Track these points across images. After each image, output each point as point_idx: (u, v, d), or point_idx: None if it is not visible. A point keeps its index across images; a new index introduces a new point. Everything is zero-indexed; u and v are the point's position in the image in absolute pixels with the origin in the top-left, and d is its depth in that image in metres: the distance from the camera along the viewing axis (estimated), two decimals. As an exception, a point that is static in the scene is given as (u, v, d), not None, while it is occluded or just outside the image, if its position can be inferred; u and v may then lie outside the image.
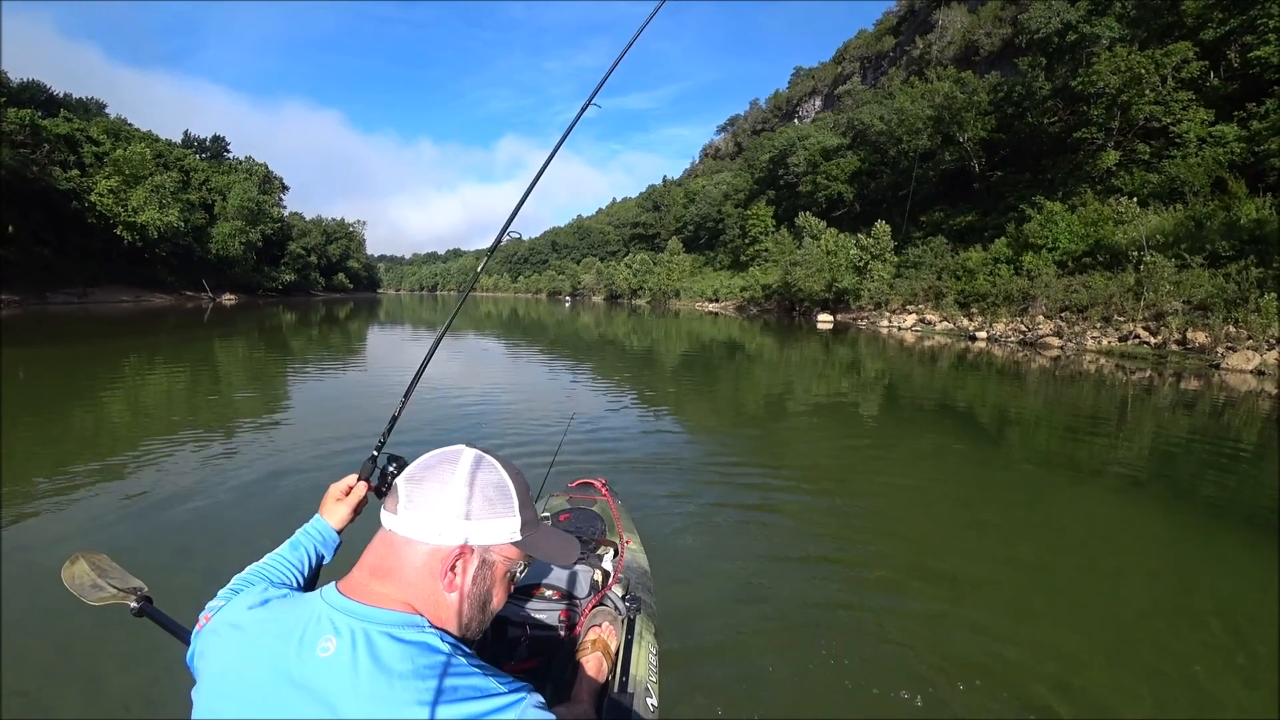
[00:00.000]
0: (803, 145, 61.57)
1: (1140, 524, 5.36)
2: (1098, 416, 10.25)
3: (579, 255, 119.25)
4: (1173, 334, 19.10)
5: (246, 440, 6.86)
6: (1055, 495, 6.03)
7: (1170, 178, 26.46)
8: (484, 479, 0.94)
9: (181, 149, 62.70)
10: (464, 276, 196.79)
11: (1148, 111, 29.37)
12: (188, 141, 67.99)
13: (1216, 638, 3.43)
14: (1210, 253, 20.80)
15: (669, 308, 59.71)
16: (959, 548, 4.57)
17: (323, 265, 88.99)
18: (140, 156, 46.34)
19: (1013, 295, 26.65)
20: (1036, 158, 37.30)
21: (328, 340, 21.94)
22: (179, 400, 9.45)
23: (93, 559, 1.45)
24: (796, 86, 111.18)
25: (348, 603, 0.88)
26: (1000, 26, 61.90)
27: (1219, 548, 4.83)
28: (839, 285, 37.54)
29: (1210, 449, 8.12)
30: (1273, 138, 23.29)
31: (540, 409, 9.19)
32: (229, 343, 19.70)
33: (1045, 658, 3.14)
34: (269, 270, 69.76)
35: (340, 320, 34.04)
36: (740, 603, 3.60)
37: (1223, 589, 4.06)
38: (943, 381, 14.26)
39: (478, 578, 0.93)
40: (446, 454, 0.96)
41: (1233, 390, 13.26)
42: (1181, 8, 30.96)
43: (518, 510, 0.96)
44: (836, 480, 6.10)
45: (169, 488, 5.14)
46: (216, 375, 12.46)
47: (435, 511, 0.90)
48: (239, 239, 59.28)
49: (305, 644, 0.83)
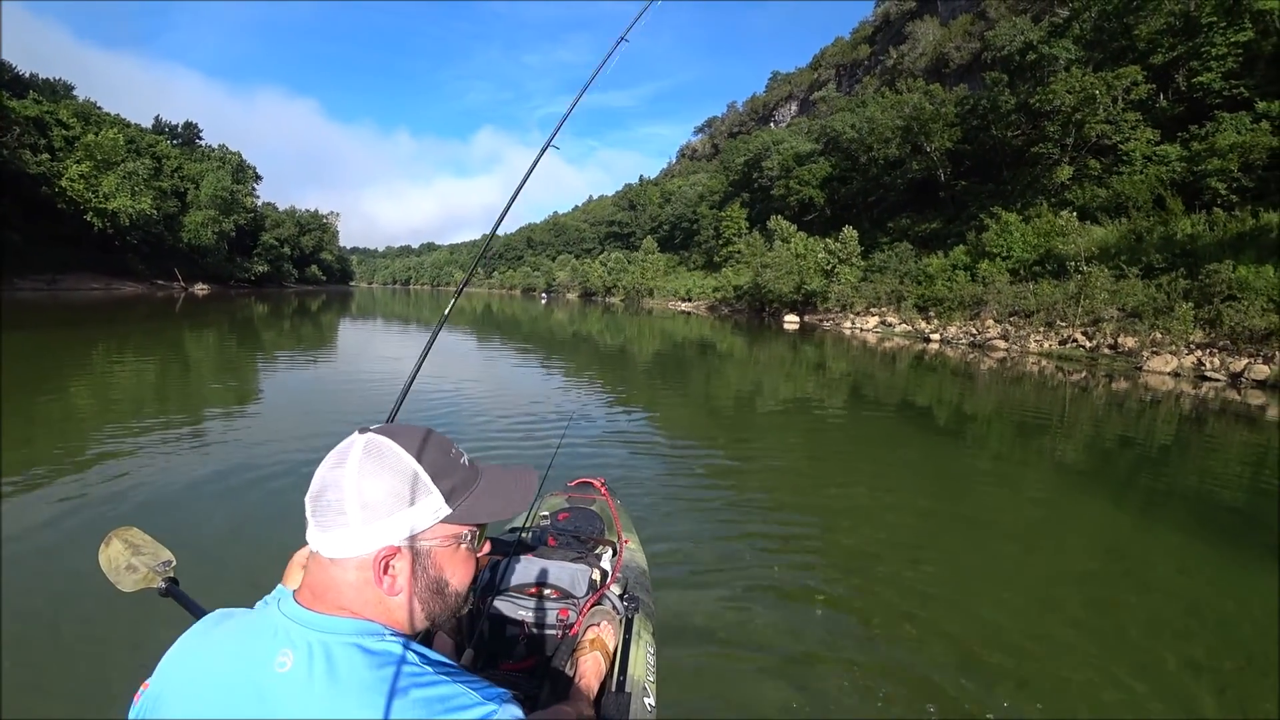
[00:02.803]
0: (777, 150, 62.79)
1: (1085, 513, 5.92)
2: (1042, 414, 11.27)
3: (554, 252, 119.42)
4: (1106, 339, 20.46)
5: (217, 434, 6.83)
6: (1011, 487, 6.65)
7: (1117, 193, 27.93)
8: (377, 468, 0.85)
9: (153, 135, 61.86)
10: (437, 271, 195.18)
11: (1099, 130, 30.86)
12: (159, 127, 67.02)
13: (1167, 620, 3.81)
14: (1146, 264, 22.19)
15: (642, 306, 60.41)
16: (954, 546, 4.81)
17: (296, 257, 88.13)
18: (112, 142, 45.84)
19: (966, 300, 27.97)
20: (999, 169, 38.71)
21: (300, 333, 22.30)
22: (147, 391, 9.40)
23: (125, 535, 1.45)
24: (773, 91, 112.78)
25: (305, 613, 0.84)
26: (970, 41, 63.78)
27: (1157, 534, 5.45)
28: (807, 287, 38.64)
29: (1140, 446, 9.12)
30: (1211, 159, 24.75)
31: (539, 410, 9.21)
32: (200, 335, 19.89)
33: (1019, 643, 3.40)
34: (242, 261, 69.22)
35: (313, 313, 34.19)
36: (739, 602, 3.65)
37: (1162, 574, 4.58)
38: (904, 381, 15.27)
39: (417, 571, 0.87)
40: (337, 453, 0.87)
41: (1155, 391, 14.45)
42: (1134, 33, 32.51)
43: (432, 484, 0.87)
44: (835, 481, 6.38)
45: (130, 481, 5.10)
46: (187, 366, 12.65)
47: (341, 524, 0.83)
48: (211, 228, 58.84)
49: (261, 658, 0.80)
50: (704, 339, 26.20)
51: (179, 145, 66.73)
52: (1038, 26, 41.46)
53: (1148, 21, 31.90)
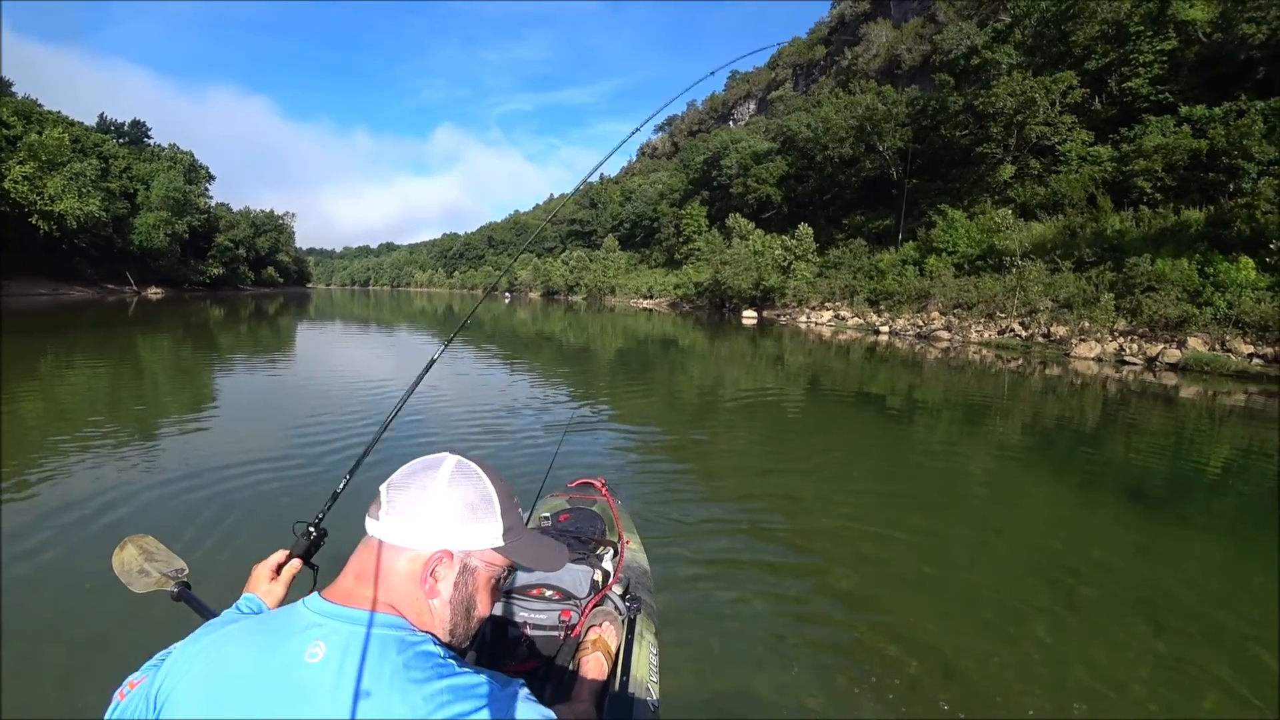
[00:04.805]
0: (735, 149, 63.82)
1: (1030, 488, 6.52)
2: (986, 400, 12.12)
3: (515, 251, 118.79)
4: (1040, 328, 21.81)
5: (171, 442, 6.71)
6: (961, 469, 7.17)
7: (1054, 191, 29.44)
8: (465, 485, 0.94)
9: (99, 134, 59.97)
10: (397, 271, 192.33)
11: (1039, 131, 32.37)
12: (104, 126, 64.66)
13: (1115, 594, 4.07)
14: (1078, 258, 23.59)
15: (605, 304, 60.82)
16: (958, 545, 4.87)
17: (251, 259, 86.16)
18: (58, 142, 44.47)
19: (914, 294, 29.24)
20: (948, 167, 40.14)
21: (258, 337, 22.23)
22: (99, 400, 9.16)
23: (139, 543, 1.47)
24: (732, 90, 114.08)
25: (335, 608, 0.87)
26: (920, 43, 65.61)
27: (1095, 505, 5.99)
28: (766, 284, 39.62)
29: (1074, 425, 10.04)
30: (1138, 159, 26.30)
31: (538, 409, 9.30)
32: (154, 340, 19.68)
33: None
34: (195, 263, 67.65)
35: (271, 316, 33.86)
36: (741, 602, 3.67)
37: (1102, 538, 5.04)
38: (859, 372, 16.05)
39: (459, 583, 0.93)
40: (430, 461, 0.96)
41: (1084, 375, 15.56)
42: (1071, 40, 34.09)
43: (500, 516, 0.95)
44: (831, 476, 6.56)
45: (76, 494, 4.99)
46: (139, 371, 12.63)
47: (415, 517, 0.91)
48: (164, 230, 57.36)
49: (291, 651, 0.82)
50: (668, 336, 26.81)
51: (126, 145, 64.72)
52: (983, 31, 43.09)
53: (1083, 29, 33.46)
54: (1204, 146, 24.04)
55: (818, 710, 2.76)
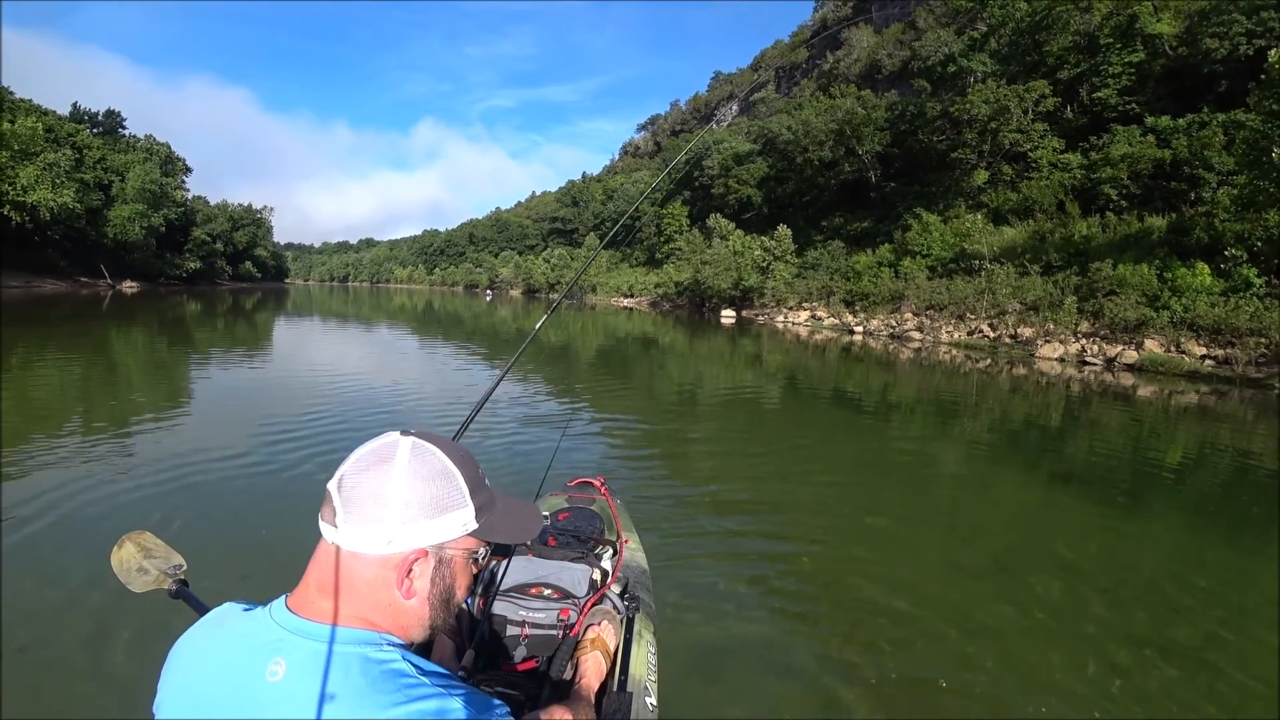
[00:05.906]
0: (717, 149, 64.33)
1: (1000, 483, 6.78)
2: (957, 399, 12.56)
3: (497, 248, 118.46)
4: (1008, 329, 22.49)
5: (146, 437, 6.63)
6: (935, 465, 7.44)
7: (1025, 197, 30.19)
8: (426, 471, 0.85)
9: (73, 123, 58.99)
10: (376, 267, 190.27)
11: (1012, 138, 33.11)
12: (77, 115, 63.66)
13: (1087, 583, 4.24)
14: (1046, 262, 24.32)
15: (586, 303, 61.01)
16: (956, 544, 4.96)
17: (229, 253, 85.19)
18: (31, 131, 43.75)
19: (888, 295, 29.87)
20: (925, 172, 40.85)
21: (235, 334, 22.20)
22: (72, 395, 9.07)
23: (138, 540, 1.46)
24: (715, 90, 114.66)
25: (298, 622, 0.82)
26: (900, 49, 66.56)
27: (1060, 497, 6.26)
28: (745, 283, 40.09)
29: (1039, 423, 10.55)
30: (1105, 167, 27.11)
31: (536, 411, 9.27)
32: (128, 334, 19.59)
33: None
34: (172, 257, 66.87)
35: (248, 311, 33.67)
36: (740, 602, 3.67)
37: (1067, 529, 5.26)
38: (836, 372, 16.46)
39: (436, 578, 0.88)
40: (380, 450, 0.86)
41: (1048, 375, 16.16)
42: (1044, 50, 34.94)
43: (469, 497, 0.88)
44: (827, 472, 6.68)
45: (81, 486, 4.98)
46: (112, 368, 12.44)
47: (378, 521, 0.82)
48: (139, 223, 56.57)
49: (253, 667, 0.78)
50: (648, 334, 27.11)
51: (101, 135, 63.65)
52: (960, 39, 43.89)
53: (1056, 40, 34.32)
54: (1168, 156, 24.92)
55: (818, 710, 2.78)
